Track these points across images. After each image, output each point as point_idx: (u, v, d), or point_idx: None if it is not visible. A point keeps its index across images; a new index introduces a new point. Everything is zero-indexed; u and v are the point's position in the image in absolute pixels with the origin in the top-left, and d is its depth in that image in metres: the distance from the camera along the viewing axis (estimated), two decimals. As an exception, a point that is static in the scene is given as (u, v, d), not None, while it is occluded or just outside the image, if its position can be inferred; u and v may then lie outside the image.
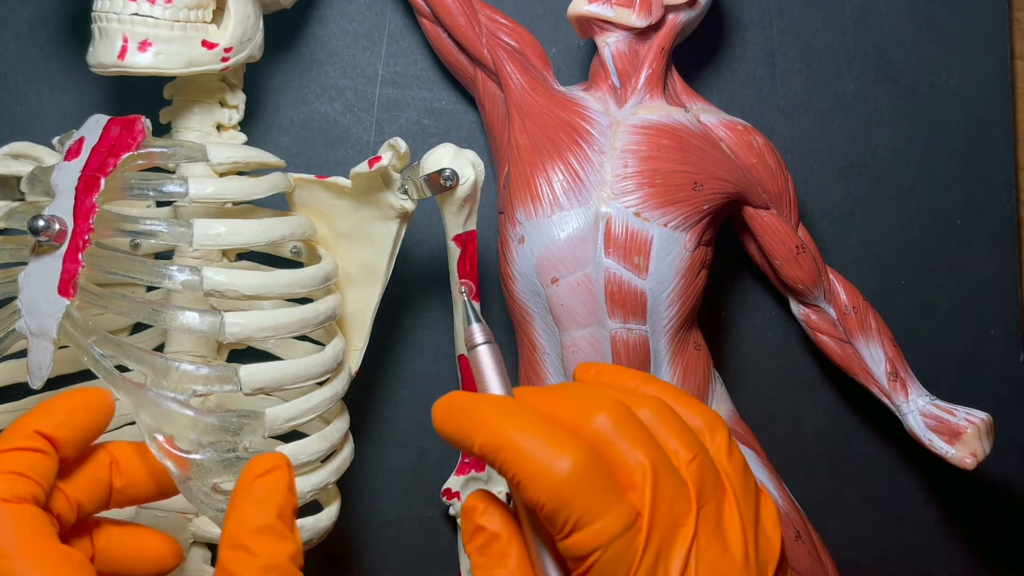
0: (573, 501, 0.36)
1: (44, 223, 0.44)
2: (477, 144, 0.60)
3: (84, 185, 0.45)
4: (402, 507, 0.60)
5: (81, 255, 0.44)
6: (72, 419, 0.41)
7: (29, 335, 0.45)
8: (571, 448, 0.36)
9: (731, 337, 0.61)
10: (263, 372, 0.46)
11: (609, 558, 0.36)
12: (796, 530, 0.55)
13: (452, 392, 0.39)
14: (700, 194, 0.52)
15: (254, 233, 0.47)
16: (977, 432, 0.53)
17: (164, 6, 0.49)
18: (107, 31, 0.49)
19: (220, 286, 0.45)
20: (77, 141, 0.47)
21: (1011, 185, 0.61)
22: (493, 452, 0.37)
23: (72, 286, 0.44)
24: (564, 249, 0.51)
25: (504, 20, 0.56)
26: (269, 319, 0.46)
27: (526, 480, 0.36)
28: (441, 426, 0.39)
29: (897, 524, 0.61)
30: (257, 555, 0.38)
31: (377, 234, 0.52)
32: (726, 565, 0.37)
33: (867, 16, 0.61)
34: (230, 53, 0.51)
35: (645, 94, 0.54)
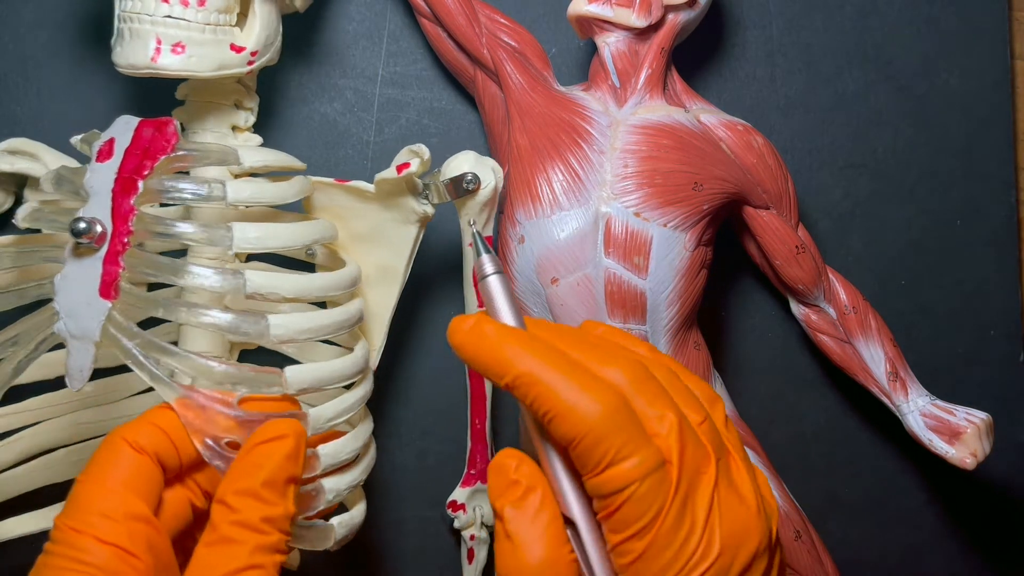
0: (611, 435, 0.37)
1: (86, 225, 0.44)
2: (477, 144, 0.60)
3: (121, 187, 0.45)
4: (403, 507, 0.60)
5: (121, 258, 0.45)
6: None
7: (68, 338, 0.44)
8: (606, 387, 0.38)
9: (731, 337, 0.61)
10: (307, 373, 0.46)
11: (644, 493, 0.37)
12: (796, 530, 0.55)
13: (479, 315, 0.41)
14: (700, 194, 0.52)
15: (290, 236, 0.48)
16: (977, 432, 0.53)
17: (197, 9, 0.49)
18: (139, 32, 0.49)
19: (262, 288, 0.46)
20: (107, 142, 0.47)
21: (1011, 185, 0.61)
22: (527, 386, 0.38)
23: (114, 288, 0.44)
24: (564, 249, 0.51)
25: (504, 20, 0.56)
26: (309, 321, 0.47)
27: (561, 415, 0.37)
28: (471, 351, 0.40)
29: (897, 524, 0.61)
30: (235, 511, 0.40)
31: (396, 237, 0.53)
32: (743, 513, 0.39)
33: (867, 16, 0.61)
34: (255, 57, 0.52)
35: (645, 94, 0.54)
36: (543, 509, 0.39)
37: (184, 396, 0.44)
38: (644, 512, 0.37)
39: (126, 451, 0.41)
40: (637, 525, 0.37)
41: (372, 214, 0.53)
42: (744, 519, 0.39)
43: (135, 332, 0.44)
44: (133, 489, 0.40)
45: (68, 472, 0.53)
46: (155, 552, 0.40)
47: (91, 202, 0.45)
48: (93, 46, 0.60)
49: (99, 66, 0.59)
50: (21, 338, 0.45)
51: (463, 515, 0.57)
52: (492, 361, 0.39)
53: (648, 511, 0.37)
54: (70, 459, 0.53)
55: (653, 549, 0.37)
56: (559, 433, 0.37)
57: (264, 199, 0.48)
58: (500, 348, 0.39)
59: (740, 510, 0.39)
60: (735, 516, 0.38)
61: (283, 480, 0.41)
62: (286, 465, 0.42)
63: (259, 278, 0.46)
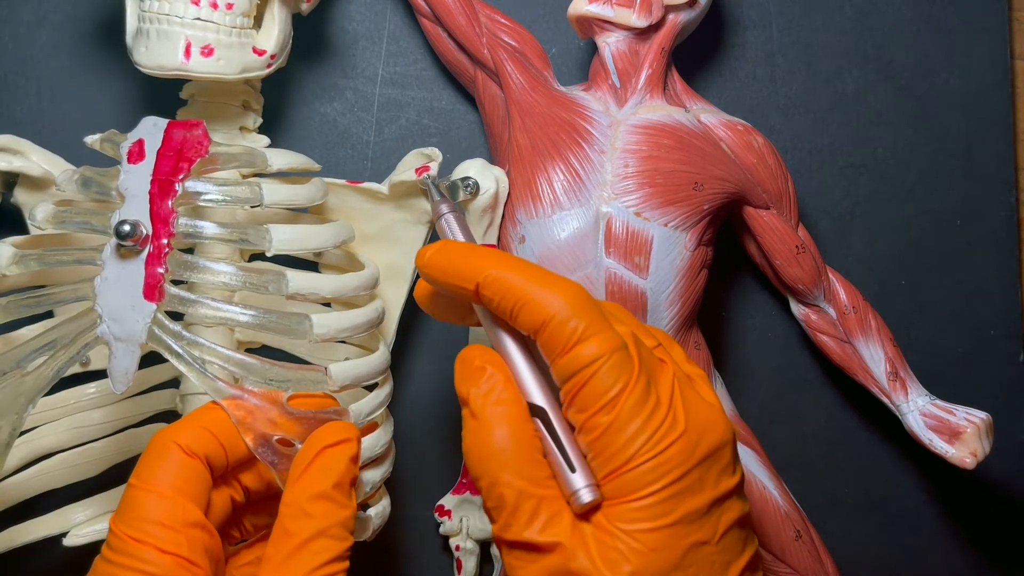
0: (577, 314, 0.39)
1: (131, 228, 0.44)
2: (477, 144, 0.60)
3: (159, 189, 0.46)
4: (400, 507, 0.60)
5: (165, 259, 0.45)
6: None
7: (113, 340, 0.45)
8: (568, 281, 0.40)
9: (731, 337, 0.61)
10: (348, 370, 0.47)
11: (611, 366, 0.39)
12: (796, 530, 0.55)
13: (440, 241, 0.44)
14: (700, 194, 0.52)
15: (325, 237, 0.49)
16: (977, 432, 0.53)
17: (225, 12, 0.50)
18: (168, 34, 0.49)
19: (303, 289, 0.47)
20: (136, 143, 0.47)
21: (1011, 185, 0.61)
22: (497, 282, 0.40)
23: (159, 291, 0.45)
24: (564, 249, 0.51)
25: (504, 20, 0.56)
26: (348, 320, 0.48)
27: (530, 302, 0.40)
28: (441, 264, 0.42)
29: (897, 524, 0.61)
30: (314, 518, 0.41)
31: (406, 237, 0.54)
32: (706, 407, 0.40)
33: (867, 16, 0.61)
34: (274, 60, 0.52)
35: (645, 94, 0.54)
36: (506, 389, 0.41)
37: (234, 396, 0.44)
38: (611, 385, 0.39)
39: (177, 455, 0.42)
40: (604, 398, 0.38)
41: (383, 215, 0.54)
42: (707, 412, 0.40)
43: (181, 334, 0.45)
44: (188, 494, 0.41)
45: (69, 476, 0.53)
46: (212, 556, 0.41)
47: (128, 204, 0.46)
48: (95, 46, 0.59)
49: (98, 66, 0.59)
50: (60, 341, 0.45)
51: (448, 521, 0.57)
52: (462, 268, 0.41)
53: (615, 383, 0.39)
54: (70, 463, 0.53)
55: (619, 421, 0.38)
56: (528, 320, 0.40)
57: (298, 200, 0.49)
58: (469, 257, 0.42)
59: (702, 404, 0.40)
60: (698, 407, 0.40)
61: (349, 482, 0.43)
62: (352, 467, 0.43)
63: (300, 278, 0.47)
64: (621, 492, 0.38)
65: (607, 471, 0.39)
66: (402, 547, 0.60)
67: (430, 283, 0.44)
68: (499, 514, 0.39)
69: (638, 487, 0.38)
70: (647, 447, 0.38)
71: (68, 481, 0.53)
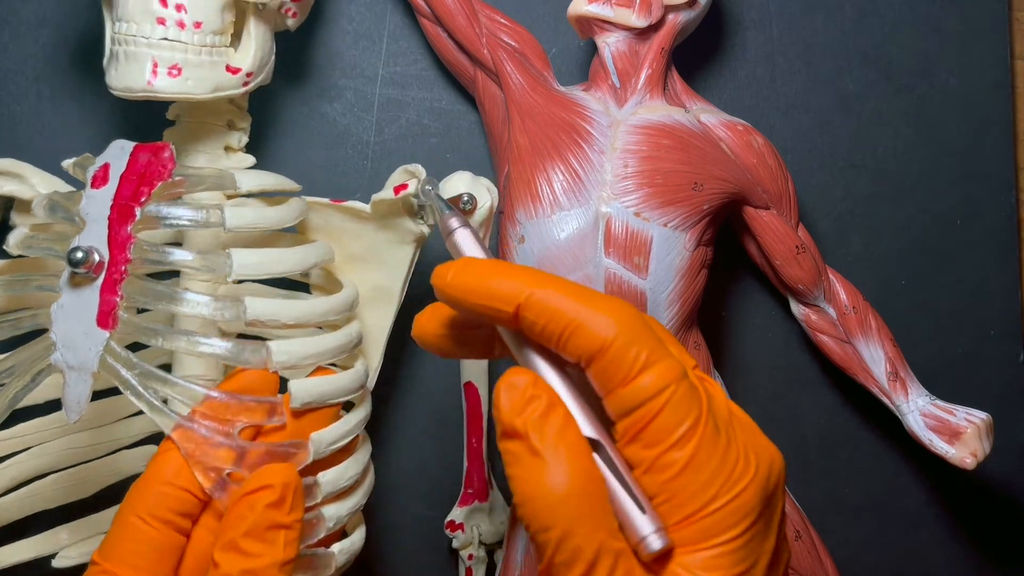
0: (638, 339, 0.35)
1: (83, 254, 0.43)
2: (477, 144, 0.60)
3: (118, 214, 0.45)
4: (403, 509, 0.60)
5: (120, 286, 0.44)
6: None
7: (66, 368, 0.44)
8: (617, 301, 0.36)
9: (731, 337, 0.61)
10: (312, 387, 0.45)
11: (683, 395, 0.35)
12: (796, 530, 0.55)
13: (461, 259, 0.38)
14: (700, 194, 0.52)
15: (290, 262, 0.47)
16: (977, 432, 0.53)
17: (193, 31, 0.49)
18: (135, 55, 0.49)
19: (263, 315, 0.45)
20: (102, 168, 0.46)
21: (1011, 185, 0.61)
22: (540, 304, 0.36)
23: (112, 318, 0.44)
24: (564, 249, 0.51)
25: (504, 20, 0.56)
26: (311, 347, 0.46)
27: (583, 327, 0.35)
28: (467, 285, 0.37)
29: (897, 524, 0.61)
30: (218, 567, 0.41)
31: (392, 258, 0.52)
32: (758, 436, 0.37)
33: (867, 16, 0.61)
34: (251, 78, 0.52)
35: (645, 94, 0.54)
36: (568, 425, 0.35)
37: (183, 426, 0.43)
38: (684, 416, 0.34)
39: (138, 529, 0.41)
40: (678, 432, 0.34)
41: (367, 235, 0.52)
42: (763, 441, 0.37)
43: (134, 362, 0.44)
44: (148, 571, 0.41)
45: (60, 498, 0.53)
46: None
47: (87, 229, 0.45)
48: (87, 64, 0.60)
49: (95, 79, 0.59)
50: (17, 369, 0.45)
51: (461, 534, 0.57)
52: (497, 288, 0.36)
53: (688, 415, 0.34)
54: (62, 484, 0.52)
55: (698, 458, 0.34)
56: (581, 347, 0.35)
57: (264, 224, 0.48)
58: (504, 276, 0.37)
59: (755, 432, 0.37)
60: (754, 437, 0.37)
61: (265, 529, 0.41)
62: (268, 514, 0.41)
63: (259, 305, 0.45)
64: (697, 538, 0.35)
65: (684, 515, 0.35)
66: (402, 549, 0.60)
67: (452, 306, 0.38)
68: (570, 570, 0.34)
69: (717, 532, 0.34)
70: (727, 487, 0.34)
71: (60, 502, 0.52)
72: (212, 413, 0.43)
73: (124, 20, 0.49)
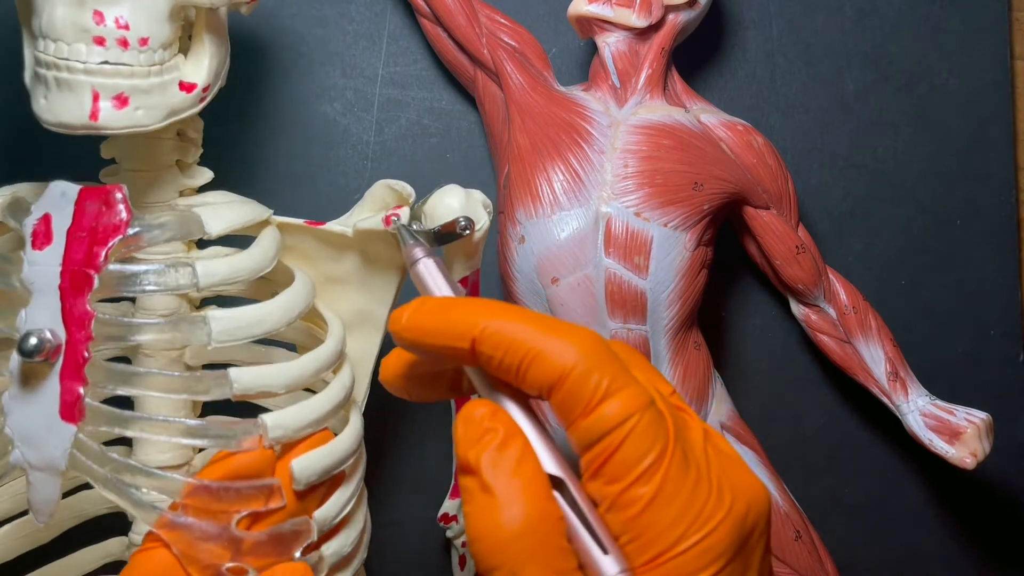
0: (599, 366, 0.32)
1: (37, 341, 0.37)
2: (477, 144, 0.60)
3: (71, 283, 0.38)
4: (401, 508, 0.60)
5: (84, 371, 0.38)
6: None
7: (28, 469, 0.38)
8: (579, 329, 0.34)
9: (731, 337, 0.61)
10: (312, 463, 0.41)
11: (646, 426, 0.32)
12: (796, 530, 0.55)
13: (415, 300, 0.36)
14: (700, 194, 0.52)
15: (276, 318, 0.42)
16: (977, 432, 0.53)
17: (139, 50, 0.40)
18: (70, 84, 0.40)
19: (252, 388, 0.40)
20: (42, 221, 0.39)
21: (1011, 185, 0.61)
22: (496, 335, 0.33)
23: (77, 409, 0.38)
24: (564, 249, 0.51)
25: (504, 20, 0.56)
26: (310, 414, 0.42)
27: (541, 356, 0.33)
28: (423, 326, 0.35)
29: (897, 524, 0.61)
30: None
31: (376, 283, 0.48)
32: (740, 470, 0.34)
33: (867, 16, 0.61)
34: (208, 92, 0.44)
35: (645, 94, 0.54)
36: (525, 460, 0.33)
37: (173, 523, 0.38)
38: (649, 448, 0.32)
39: None
40: (642, 465, 0.32)
41: (346, 258, 0.47)
42: (743, 476, 0.34)
43: (108, 457, 0.39)
44: None
45: (17, 548, 0.47)
46: None
47: (35, 303, 0.38)
48: None
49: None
50: None
51: (456, 525, 0.57)
52: (451, 326, 0.34)
53: (653, 446, 0.32)
54: (18, 533, 0.47)
55: (664, 494, 0.32)
56: (540, 377, 0.33)
57: (240, 276, 0.42)
58: (458, 311, 0.34)
59: (735, 467, 0.34)
60: (733, 472, 0.34)
61: None
62: None
63: (246, 377, 0.40)
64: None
65: (650, 556, 0.32)
66: (403, 547, 0.60)
67: (411, 350, 0.36)
68: None
69: (686, 574, 0.32)
70: (696, 526, 0.32)
71: (18, 552, 0.47)
72: (204, 505, 0.39)
73: (51, 38, 0.40)
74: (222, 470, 0.40)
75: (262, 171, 0.59)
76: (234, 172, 0.58)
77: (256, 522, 0.41)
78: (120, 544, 0.49)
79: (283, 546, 0.40)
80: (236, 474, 0.40)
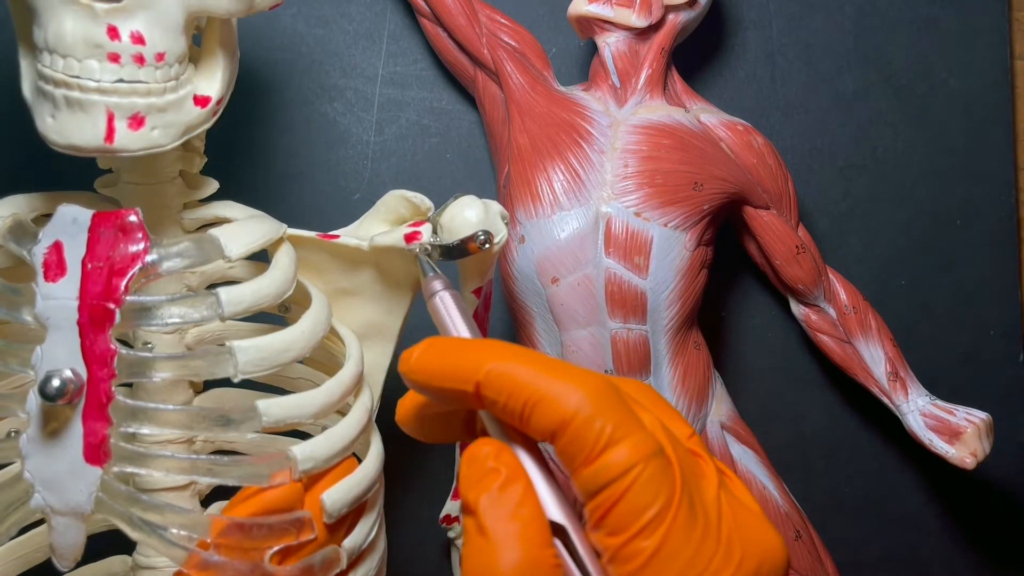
0: (603, 412, 0.32)
1: (61, 383, 0.35)
2: (477, 144, 0.60)
3: (91, 319, 0.36)
4: (402, 508, 0.60)
5: (108, 410, 0.37)
6: None
7: (51, 513, 0.37)
8: (587, 372, 0.33)
9: (731, 337, 0.61)
10: (342, 495, 0.41)
11: (650, 476, 0.31)
12: (796, 530, 0.55)
13: (428, 338, 0.35)
14: (700, 194, 0.52)
15: (302, 347, 0.41)
16: (977, 432, 0.53)
17: (156, 66, 0.38)
18: (83, 104, 0.37)
19: (281, 419, 0.39)
20: (53, 249, 0.37)
21: (1011, 185, 0.61)
22: (501, 378, 0.32)
23: (103, 450, 0.36)
24: (564, 249, 0.51)
25: (504, 20, 0.56)
26: (339, 443, 0.41)
27: (545, 400, 0.32)
28: (430, 367, 0.34)
29: (897, 524, 0.61)
30: None
31: (389, 296, 0.47)
32: (756, 523, 0.33)
33: (867, 16, 0.61)
34: (220, 105, 0.42)
35: (645, 94, 0.54)
36: (524, 503, 0.32)
37: (202, 561, 0.37)
38: (652, 500, 0.31)
39: None
40: (645, 517, 0.31)
41: (358, 270, 0.46)
42: (759, 529, 0.33)
43: (137, 498, 0.37)
44: None
45: (14, 568, 0.45)
46: None
47: (51, 338, 0.36)
48: None
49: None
50: None
51: (457, 526, 0.57)
52: (456, 368, 0.33)
53: (656, 498, 0.31)
54: (13, 555, 0.44)
55: (667, 548, 0.31)
56: (543, 422, 0.32)
57: (263, 302, 0.41)
58: (463, 353, 0.34)
59: (752, 519, 0.33)
60: (748, 524, 0.33)
61: None
62: None
63: (275, 409, 0.39)
64: None
65: None
66: (401, 547, 0.60)
67: (420, 391, 0.35)
68: None
69: None
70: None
71: (19, 571, 0.45)
72: (236, 543, 0.38)
73: (59, 54, 0.37)
74: (253, 507, 0.39)
75: (262, 171, 0.59)
76: (234, 172, 0.58)
77: (287, 556, 0.40)
78: (122, 563, 0.47)
79: None
80: (267, 509, 0.39)
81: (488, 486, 0.33)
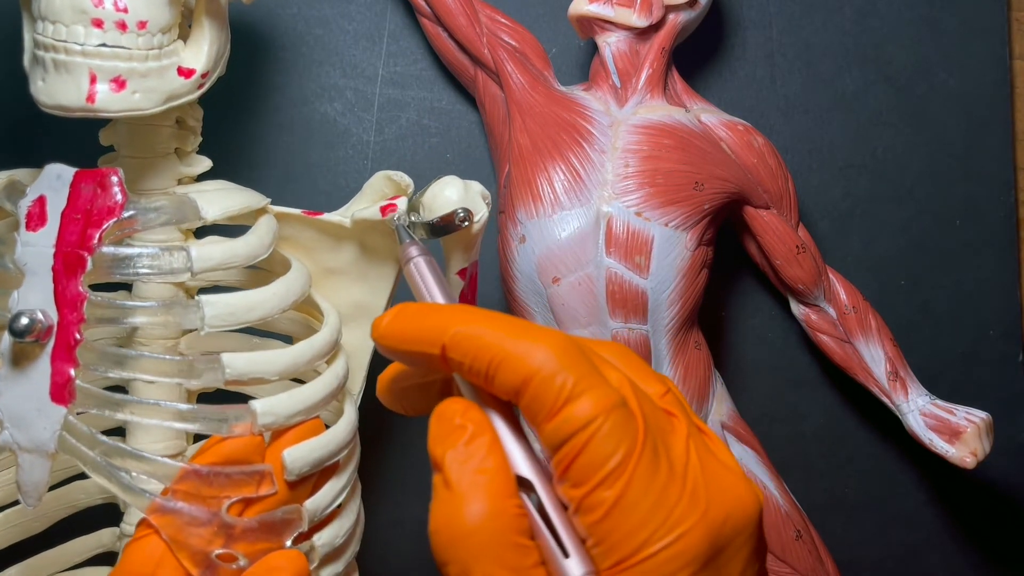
0: (564, 368, 0.32)
1: (29, 321, 0.37)
2: (477, 144, 0.60)
3: (64, 264, 0.38)
4: (401, 508, 0.60)
5: (75, 353, 0.38)
6: None
7: (17, 450, 0.38)
8: (551, 332, 0.33)
9: (731, 337, 0.61)
10: (305, 453, 0.41)
11: (610, 428, 0.32)
12: (796, 530, 0.55)
13: (395, 307, 0.36)
14: (701, 194, 0.52)
15: (271, 305, 0.42)
16: (977, 431, 0.53)
17: (138, 33, 0.41)
18: (68, 66, 0.40)
19: (244, 373, 0.40)
20: (36, 202, 0.40)
21: (1011, 185, 0.61)
22: (466, 340, 0.33)
23: (68, 391, 0.38)
24: (565, 249, 0.51)
25: (504, 20, 0.56)
26: (301, 402, 0.42)
27: (508, 359, 0.32)
28: (399, 332, 0.34)
29: (897, 524, 0.61)
30: None
31: (374, 274, 0.48)
32: (728, 476, 0.33)
33: (867, 16, 0.61)
34: (207, 78, 0.44)
35: (646, 94, 0.54)
36: (490, 457, 0.33)
37: (162, 507, 0.38)
38: (612, 451, 0.31)
39: None
40: (605, 468, 0.31)
41: (344, 248, 0.47)
42: (731, 482, 0.33)
43: (98, 440, 0.39)
44: None
45: (10, 537, 0.47)
46: None
47: (27, 283, 0.38)
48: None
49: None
50: None
51: None
52: (423, 331, 0.34)
53: (617, 449, 0.31)
54: (10, 522, 0.47)
55: (627, 498, 0.31)
56: (507, 381, 0.32)
57: (235, 261, 0.42)
58: (431, 317, 0.34)
59: (724, 472, 0.33)
60: (719, 476, 0.33)
61: None
62: None
63: (239, 362, 0.40)
64: None
65: (613, 561, 0.31)
66: (402, 547, 0.60)
67: (390, 356, 0.36)
68: None
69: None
70: (662, 531, 0.31)
71: (10, 542, 0.47)
72: (195, 490, 0.39)
73: (50, 20, 0.40)
74: (212, 455, 0.40)
75: (262, 171, 0.59)
76: (234, 172, 0.58)
77: (247, 509, 0.41)
78: (112, 535, 0.49)
79: (274, 534, 0.40)
80: (227, 459, 0.40)
81: (455, 442, 0.33)
